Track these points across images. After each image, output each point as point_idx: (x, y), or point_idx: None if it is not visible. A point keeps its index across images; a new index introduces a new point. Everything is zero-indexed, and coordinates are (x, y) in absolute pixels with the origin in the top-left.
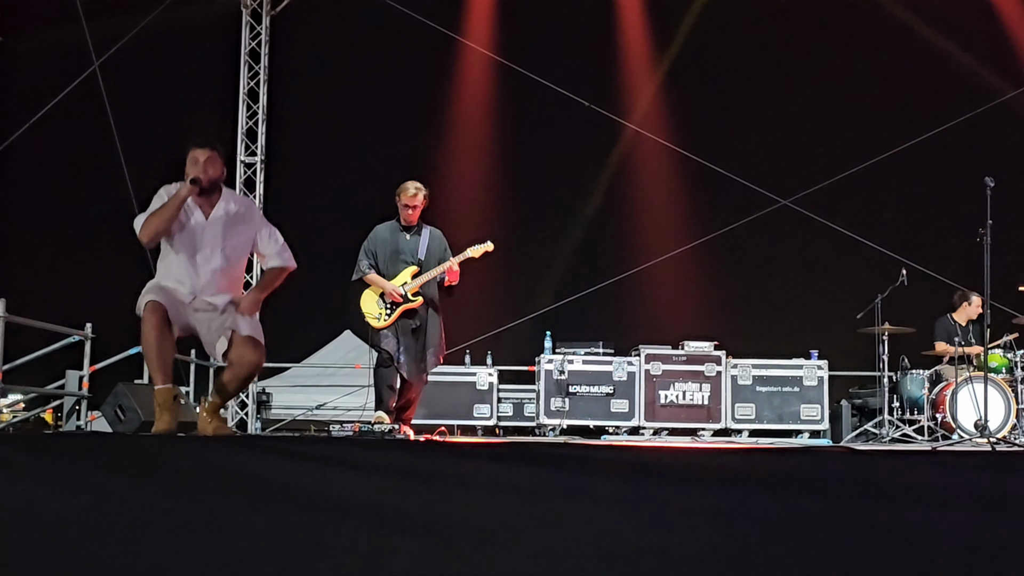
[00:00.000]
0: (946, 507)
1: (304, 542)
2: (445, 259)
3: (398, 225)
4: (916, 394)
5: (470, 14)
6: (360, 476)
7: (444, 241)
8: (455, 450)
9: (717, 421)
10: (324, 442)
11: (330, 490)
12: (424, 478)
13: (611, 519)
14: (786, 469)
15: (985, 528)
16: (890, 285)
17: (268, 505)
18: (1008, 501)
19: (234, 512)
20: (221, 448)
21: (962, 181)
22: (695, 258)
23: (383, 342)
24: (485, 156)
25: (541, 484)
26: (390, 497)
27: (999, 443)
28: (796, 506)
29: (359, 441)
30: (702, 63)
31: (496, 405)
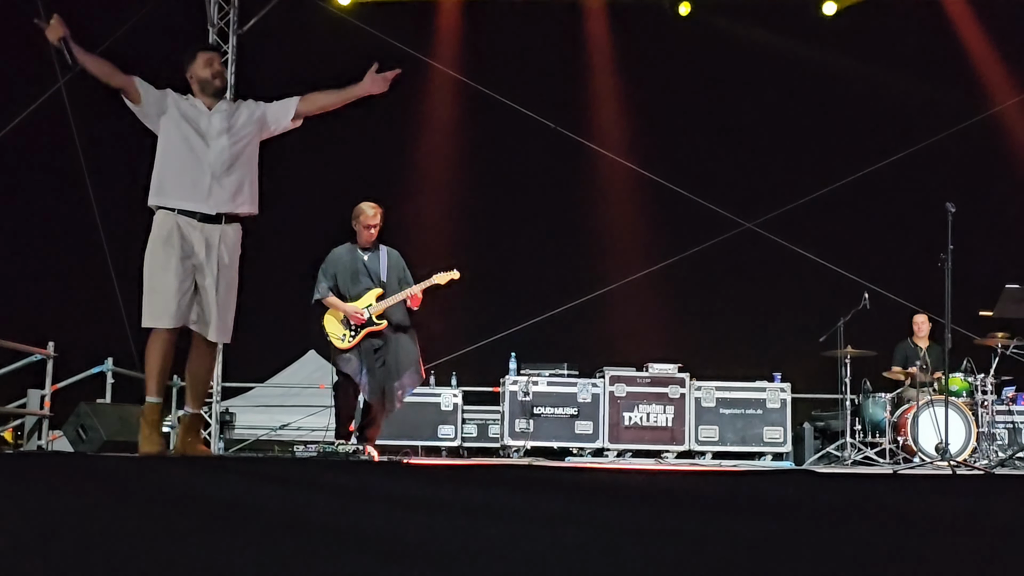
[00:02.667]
0: (908, 530)
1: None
2: (404, 279)
3: (355, 247)
4: (878, 417)
5: (438, 36)
6: (324, 497)
7: (402, 260)
8: (419, 472)
9: (681, 443)
10: (288, 463)
11: (294, 511)
12: (388, 500)
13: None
14: (749, 492)
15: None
16: (853, 308)
17: (232, 525)
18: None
19: (198, 532)
20: (185, 469)
21: (924, 206)
22: (660, 280)
23: (343, 365)
24: (451, 177)
25: (505, 506)
26: (354, 518)
27: (960, 466)
28: (759, 528)
29: (323, 462)
30: (668, 86)
31: (460, 426)
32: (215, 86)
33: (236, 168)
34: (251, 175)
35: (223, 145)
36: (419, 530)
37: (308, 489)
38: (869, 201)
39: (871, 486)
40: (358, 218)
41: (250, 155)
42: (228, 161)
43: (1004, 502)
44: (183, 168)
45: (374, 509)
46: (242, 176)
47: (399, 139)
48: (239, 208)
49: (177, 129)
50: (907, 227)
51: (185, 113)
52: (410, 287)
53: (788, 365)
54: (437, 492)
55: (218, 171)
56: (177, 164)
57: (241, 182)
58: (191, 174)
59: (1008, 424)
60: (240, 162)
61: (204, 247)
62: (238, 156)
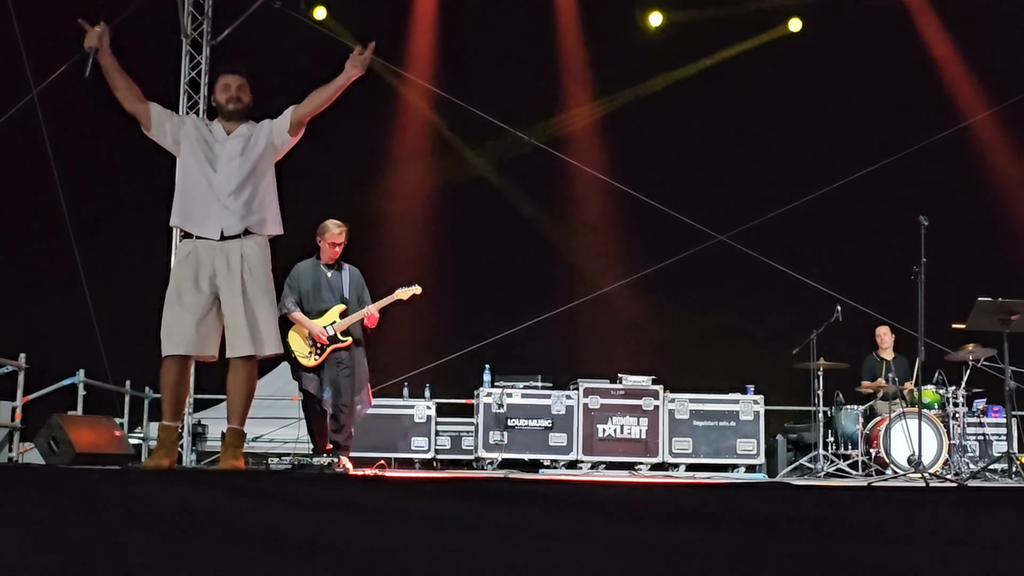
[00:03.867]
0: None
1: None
2: (363, 296)
3: (318, 263)
4: (850, 429)
5: (411, 47)
6: (299, 510)
7: (362, 279)
8: (394, 485)
9: (654, 455)
10: (262, 475)
11: (268, 524)
12: (363, 513)
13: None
14: (724, 504)
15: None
16: (825, 321)
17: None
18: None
19: (172, 546)
20: (158, 481)
21: (896, 219)
22: (633, 292)
23: (306, 383)
24: (424, 188)
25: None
26: (329, 531)
27: (933, 479)
28: (736, 541)
29: (298, 475)
30: (641, 99)
31: (434, 438)
32: (228, 110)
33: (246, 190)
34: (265, 196)
35: (232, 169)
36: (395, 543)
37: (282, 502)
38: (841, 214)
39: (846, 498)
40: (323, 235)
41: (264, 177)
42: (236, 184)
43: (977, 514)
44: (192, 193)
45: (349, 522)
46: (253, 197)
47: (371, 150)
48: (249, 230)
49: (192, 155)
50: (879, 240)
51: (202, 139)
52: (368, 305)
53: (761, 377)
54: (414, 505)
55: (223, 195)
56: (187, 189)
57: (251, 204)
58: (200, 199)
59: (979, 436)
60: (251, 184)
61: (225, 264)
62: (248, 178)
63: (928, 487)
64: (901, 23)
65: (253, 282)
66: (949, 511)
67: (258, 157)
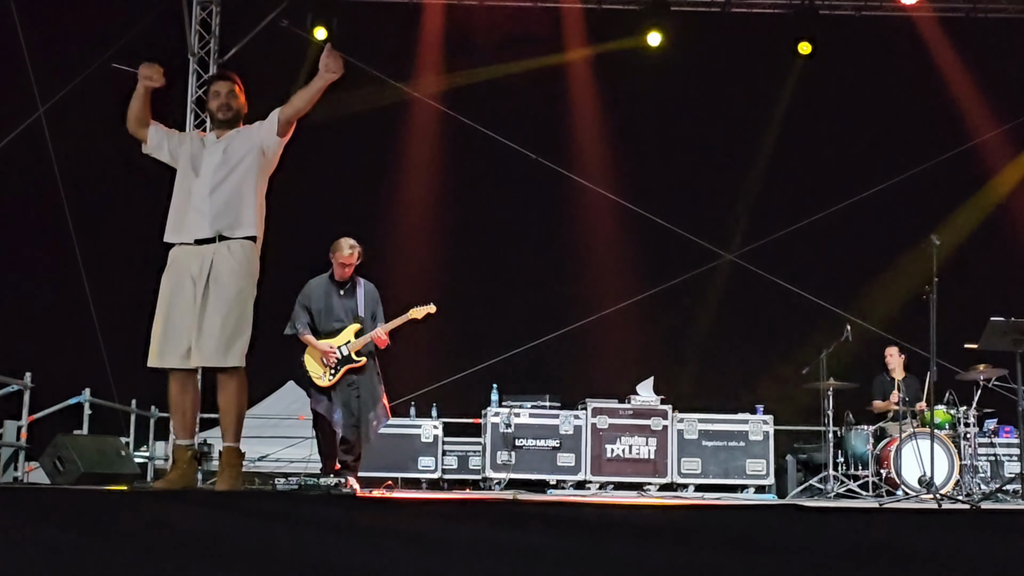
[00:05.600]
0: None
1: None
2: (377, 313)
3: (331, 281)
4: (861, 449)
5: (419, 65)
6: (306, 532)
7: (376, 295)
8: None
9: (663, 475)
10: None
11: (274, 545)
12: (370, 534)
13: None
14: (734, 525)
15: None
16: (835, 341)
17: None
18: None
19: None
20: (163, 502)
21: (906, 238)
22: (642, 311)
23: (316, 404)
24: (433, 207)
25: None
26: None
27: (945, 500)
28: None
29: (304, 496)
30: (649, 118)
31: (441, 458)
32: (219, 118)
33: (220, 191)
34: (243, 199)
35: (210, 173)
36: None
37: (288, 523)
38: (851, 233)
39: (858, 520)
40: (335, 254)
41: (243, 180)
42: (211, 187)
43: (992, 537)
44: (176, 203)
45: (354, 543)
46: (228, 201)
47: (380, 168)
48: (221, 231)
49: (183, 167)
50: (889, 259)
51: (193, 151)
52: (381, 324)
53: (770, 397)
54: (422, 526)
55: (198, 198)
56: (174, 200)
57: (226, 206)
58: (181, 207)
59: (990, 456)
60: (227, 186)
61: (198, 268)
62: (224, 180)
63: (941, 509)
64: (911, 43)
65: (223, 290)
66: (963, 534)
67: (238, 160)
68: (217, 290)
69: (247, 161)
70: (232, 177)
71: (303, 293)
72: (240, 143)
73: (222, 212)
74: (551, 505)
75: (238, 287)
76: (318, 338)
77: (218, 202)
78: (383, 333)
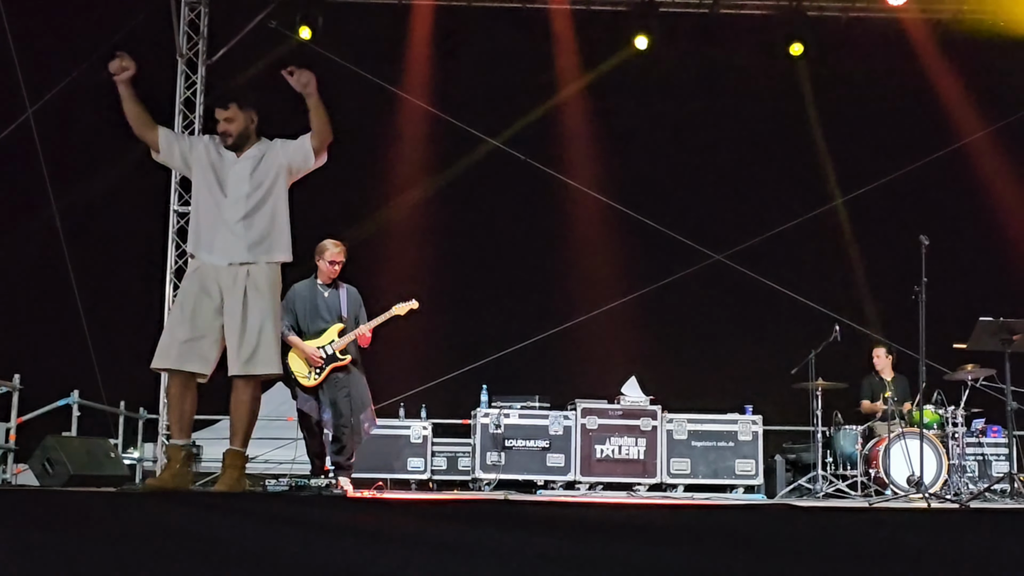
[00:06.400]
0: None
1: None
2: (360, 315)
3: (315, 283)
4: (849, 449)
5: (408, 66)
6: (297, 532)
7: (359, 298)
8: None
9: (652, 476)
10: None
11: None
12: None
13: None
14: (724, 525)
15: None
16: (824, 341)
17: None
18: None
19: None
20: (153, 503)
21: (895, 238)
22: (631, 312)
23: (302, 404)
24: (422, 208)
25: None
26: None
27: (933, 499)
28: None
29: (295, 497)
30: (639, 118)
31: (430, 458)
32: (226, 143)
33: (255, 216)
34: (276, 223)
35: (241, 194)
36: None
37: (280, 524)
38: (840, 233)
39: (849, 519)
40: (322, 254)
41: (276, 205)
42: (245, 211)
43: (981, 537)
44: (202, 218)
45: (347, 544)
46: (262, 224)
47: (367, 169)
48: (257, 258)
49: (203, 178)
50: (878, 259)
51: (212, 162)
52: (363, 323)
53: (759, 397)
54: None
55: (232, 221)
56: (198, 214)
57: (262, 231)
58: (210, 223)
59: (978, 456)
60: (261, 210)
61: (231, 283)
62: (258, 204)
63: (930, 508)
64: (899, 44)
65: (256, 302)
66: (952, 533)
67: (270, 185)
68: (256, 302)
69: (278, 185)
70: (266, 205)
71: (287, 296)
72: (267, 165)
73: (259, 239)
74: (541, 506)
75: (273, 299)
76: (303, 339)
77: (255, 230)
78: (367, 331)
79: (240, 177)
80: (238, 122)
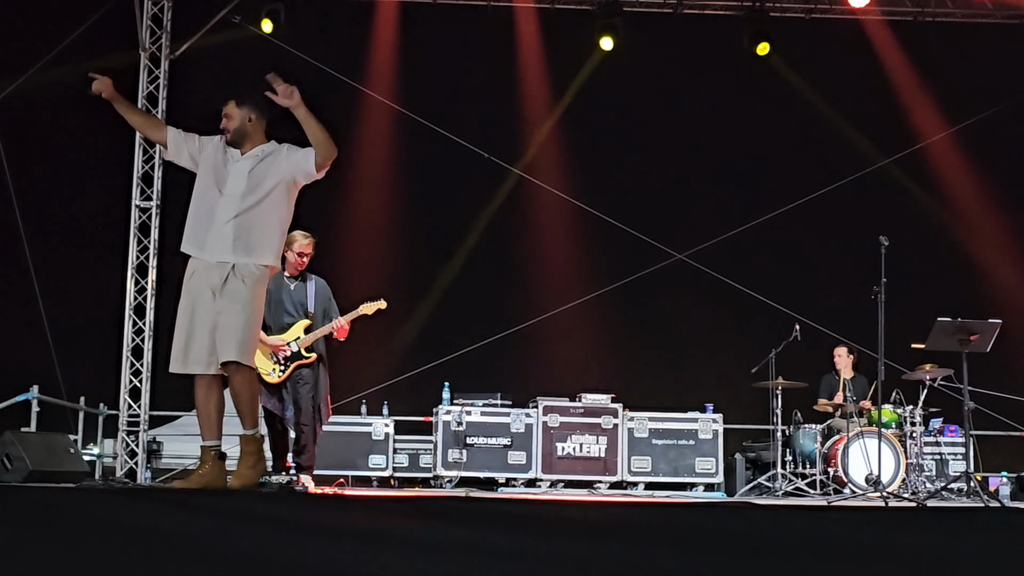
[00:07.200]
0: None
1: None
2: (330, 309)
3: (282, 275)
4: (809, 448)
5: (372, 63)
6: (257, 529)
7: (328, 290)
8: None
9: (613, 473)
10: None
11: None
12: (322, 532)
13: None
14: (686, 523)
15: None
16: (784, 340)
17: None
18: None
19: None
20: (113, 499)
21: (855, 239)
22: (593, 310)
23: (265, 401)
24: (384, 205)
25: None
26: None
27: (891, 498)
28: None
29: (256, 493)
30: (601, 117)
31: (392, 455)
32: (226, 139)
33: (246, 218)
34: (266, 228)
35: (237, 193)
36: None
37: (241, 520)
38: (801, 233)
39: (808, 517)
40: (291, 246)
41: (269, 209)
42: (235, 212)
43: (936, 534)
44: (197, 215)
45: (307, 541)
46: (251, 229)
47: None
48: (242, 257)
49: (205, 176)
50: (838, 260)
51: (217, 163)
52: (336, 318)
53: (720, 396)
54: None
55: (221, 220)
56: (194, 210)
57: (248, 234)
58: (202, 221)
59: (936, 455)
60: (253, 217)
61: (219, 278)
62: (250, 210)
63: (888, 507)
64: (860, 46)
65: (234, 295)
66: (909, 531)
67: (267, 189)
68: (234, 295)
69: (277, 191)
70: (259, 207)
71: None
72: (267, 168)
73: (244, 239)
74: (502, 503)
75: (253, 293)
76: (268, 334)
77: (242, 229)
78: (345, 323)
79: (238, 175)
80: (235, 119)
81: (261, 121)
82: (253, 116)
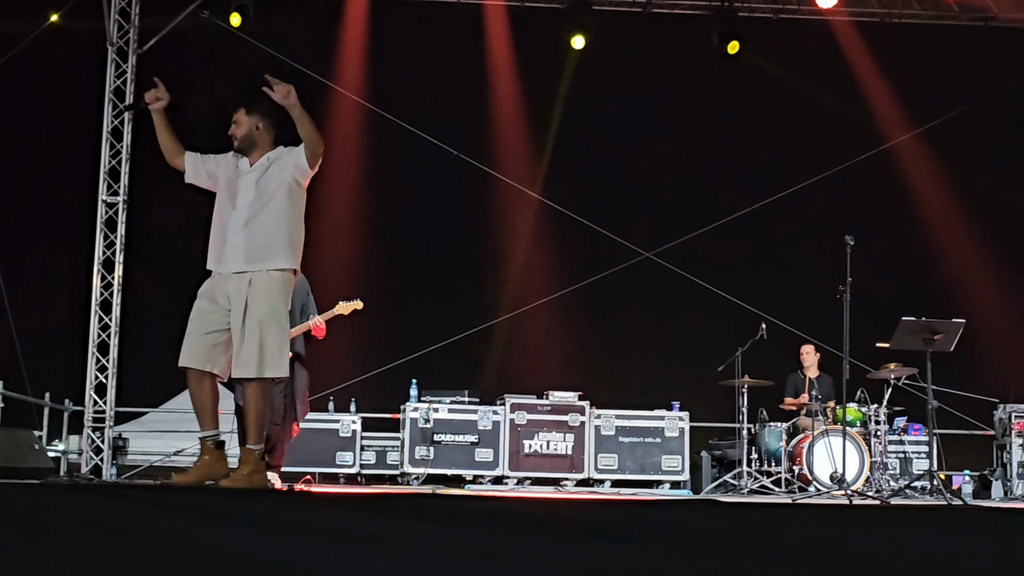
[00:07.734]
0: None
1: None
2: (308, 305)
3: None
4: (774, 446)
5: (341, 60)
6: (224, 526)
7: (307, 285)
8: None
9: (580, 471)
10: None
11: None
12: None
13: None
14: (649, 521)
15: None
16: (750, 339)
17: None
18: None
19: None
20: (78, 496)
21: (822, 238)
22: (560, 308)
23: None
24: (353, 202)
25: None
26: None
27: (855, 496)
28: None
29: (220, 490)
30: (570, 115)
31: (359, 453)
32: (234, 147)
33: (255, 225)
34: (276, 233)
35: (246, 202)
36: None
37: (204, 517)
38: (767, 232)
39: (771, 515)
40: None
41: (276, 214)
42: (245, 220)
43: (900, 532)
44: (215, 230)
45: (273, 538)
46: (261, 235)
47: None
48: (257, 267)
49: (220, 192)
50: (804, 259)
51: (229, 176)
52: (314, 315)
53: (686, 394)
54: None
55: (233, 231)
56: (214, 226)
57: (261, 240)
58: (220, 235)
59: (900, 454)
60: (260, 222)
61: (235, 289)
62: (257, 216)
63: (851, 504)
64: (828, 46)
65: (255, 308)
66: (873, 529)
67: (272, 193)
68: (256, 308)
69: (280, 194)
70: (265, 212)
71: None
72: (273, 174)
73: (255, 247)
74: (469, 500)
75: (272, 307)
76: None
77: (252, 237)
78: (322, 322)
79: (248, 186)
80: (243, 126)
81: (269, 130)
82: (261, 124)
